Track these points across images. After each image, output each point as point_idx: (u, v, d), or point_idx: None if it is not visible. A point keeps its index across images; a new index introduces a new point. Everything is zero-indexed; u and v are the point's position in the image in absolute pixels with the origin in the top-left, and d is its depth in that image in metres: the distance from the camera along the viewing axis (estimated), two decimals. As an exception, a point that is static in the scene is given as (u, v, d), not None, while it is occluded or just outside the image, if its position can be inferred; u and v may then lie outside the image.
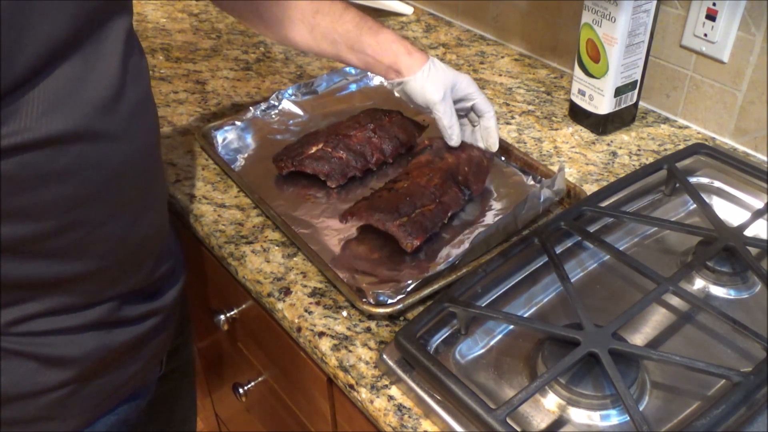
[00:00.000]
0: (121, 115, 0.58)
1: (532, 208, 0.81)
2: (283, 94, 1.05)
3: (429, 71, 0.82)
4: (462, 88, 0.84)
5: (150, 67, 1.18)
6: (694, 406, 0.63)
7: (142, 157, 0.63)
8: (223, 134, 0.98)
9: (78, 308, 0.62)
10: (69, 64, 0.53)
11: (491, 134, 0.87)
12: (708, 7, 0.91)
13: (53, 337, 0.62)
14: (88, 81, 0.54)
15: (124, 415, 0.73)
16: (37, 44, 0.50)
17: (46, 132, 0.52)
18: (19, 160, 0.52)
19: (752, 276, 0.75)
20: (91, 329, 0.64)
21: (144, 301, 0.69)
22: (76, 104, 0.54)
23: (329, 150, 0.89)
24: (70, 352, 0.63)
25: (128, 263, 0.65)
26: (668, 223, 0.80)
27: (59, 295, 0.61)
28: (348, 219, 0.79)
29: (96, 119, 0.55)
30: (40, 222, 0.56)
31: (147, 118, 0.63)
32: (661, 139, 0.99)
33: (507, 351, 0.69)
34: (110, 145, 0.57)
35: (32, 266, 0.58)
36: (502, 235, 0.79)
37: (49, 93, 0.52)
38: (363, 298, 0.72)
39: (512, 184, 0.90)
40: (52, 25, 0.50)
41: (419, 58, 0.82)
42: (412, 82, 0.82)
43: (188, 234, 0.92)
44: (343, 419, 0.80)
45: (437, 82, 0.82)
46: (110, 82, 0.56)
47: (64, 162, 0.54)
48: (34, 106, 0.51)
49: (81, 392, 0.66)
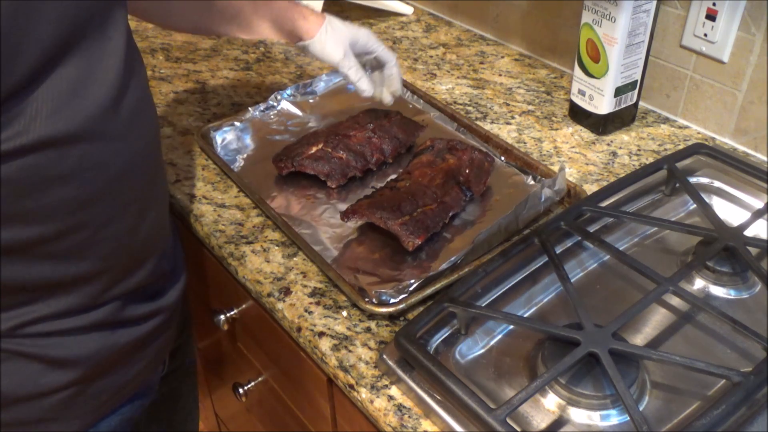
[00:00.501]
0: (123, 115, 0.58)
1: (533, 208, 0.81)
2: (281, 95, 1.05)
3: (327, 32, 0.85)
4: (362, 43, 0.87)
5: (150, 67, 1.18)
6: (694, 406, 0.63)
7: (144, 157, 0.63)
8: (222, 135, 0.98)
9: (82, 310, 0.62)
10: (71, 66, 0.53)
11: (394, 81, 0.92)
12: (708, 7, 0.91)
13: (58, 338, 0.62)
14: (90, 82, 0.54)
15: (127, 414, 0.73)
16: (38, 47, 0.50)
17: (49, 134, 0.52)
18: (21, 164, 0.51)
19: (752, 276, 0.75)
20: (95, 330, 0.64)
21: (147, 300, 0.69)
22: (78, 106, 0.54)
23: (329, 150, 0.89)
24: (75, 353, 0.63)
25: (131, 263, 0.65)
26: (668, 223, 0.80)
27: (64, 297, 0.61)
28: (350, 217, 0.79)
29: (98, 120, 0.55)
30: (43, 225, 0.56)
31: (147, 117, 0.63)
32: (661, 139, 0.99)
33: (507, 351, 0.69)
34: (112, 146, 0.58)
35: (36, 269, 0.58)
36: (504, 235, 0.79)
37: (51, 95, 0.52)
38: (365, 298, 0.72)
39: (512, 184, 0.90)
40: (53, 27, 0.50)
41: (315, 21, 0.85)
42: (313, 45, 0.85)
43: (188, 234, 0.92)
44: (343, 419, 0.80)
45: (337, 41, 0.85)
46: (112, 83, 0.56)
47: (67, 164, 0.54)
48: (36, 109, 0.51)
49: (85, 393, 0.66)
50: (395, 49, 1.23)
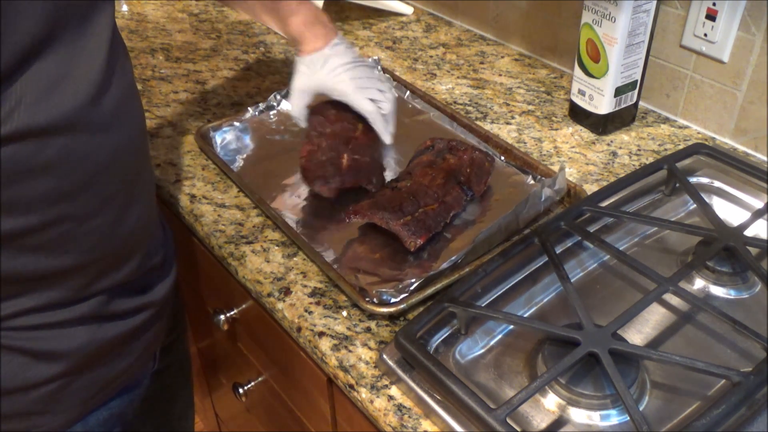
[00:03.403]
0: (106, 108, 0.58)
1: (533, 207, 0.81)
2: (281, 95, 1.05)
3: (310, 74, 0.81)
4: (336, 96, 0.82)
5: (150, 67, 1.18)
6: (694, 406, 0.63)
7: (128, 151, 0.63)
8: (221, 135, 0.98)
9: (67, 303, 0.63)
10: (51, 59, 0.53)
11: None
12: (708, 7, 0.91)
13: (43, 331, 0.62)
14: (71, 76, 0.55)
15: (116, 409, 0.73)
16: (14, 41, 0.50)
17: (28, 125, 0.52)
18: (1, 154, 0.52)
19: (752, 276, 0.75)
20: (81, 323, 0.64)
21: (134, 295, 0.70)
22: (59, 98, 0.54)
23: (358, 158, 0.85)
24: (61, 346, 0.64)
25: (116, 256, 0.66)
26: (668, 223, 0.80)
27: (48, 290, 0.61)
28: (351, 217, 0.79)
29: (80, 113, 0.56)
30: (25, 216, 0.56)
31: (132, 111, 0.64)
32: (661, 139, 0.99)
33: (507, 351, 0.69)
34: (94, 138, 0.58)
35: (19, 261, 0.58)
36: (504, 234, 0.79)
37: (30, 87, 0.52)
38: (366, 298, 0.72)
39: (512, 183, 0.90)
40: (30, 22, 0.51)
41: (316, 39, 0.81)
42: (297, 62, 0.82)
43: (188, 234, 0.92)
44: (343, 419, 0.80)
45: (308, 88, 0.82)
46: (94, 78, 0.57)
47: (48, 155, 0.55)
48: (15, 101, 0.52)
49: (72, 386, 0.66)
50: (395, 49, 1.23)
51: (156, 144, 0.99)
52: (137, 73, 1.18)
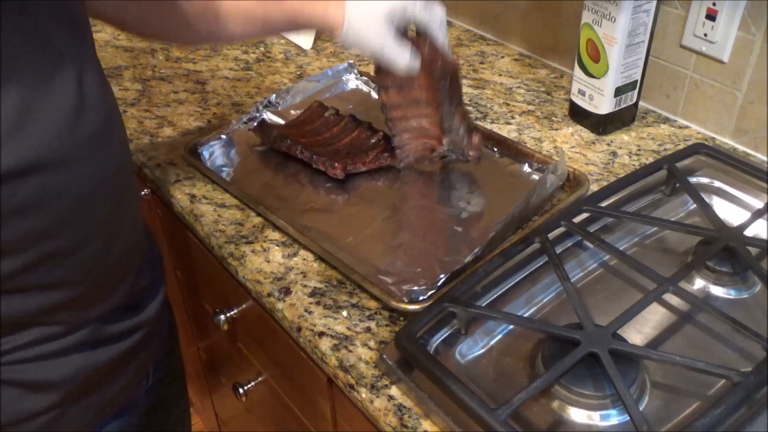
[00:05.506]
0: (80, 140, 0.55)
1: (541, 194, 0.83)
2: (263, 105, 1.04)
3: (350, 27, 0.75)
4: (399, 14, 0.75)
5: (150, 67, 1.18)
6: (694, 406, 0.63)
7: (109, 181, 0.59)
8: (208, 150, 0.97)
9: (62, 334, 0.61)
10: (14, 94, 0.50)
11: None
12: (708, 7, 0.91)
13: (37, 363, 0.60)
14: (38, 111, 0.51)
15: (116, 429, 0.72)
16: None
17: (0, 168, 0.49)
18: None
19: (752, 276, 0.75)
20: (75, 351, 0.63)
21: (125, 317, 0.68)
22: (27, 135, 0.50)
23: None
24: (55, 376, 0.62)
25: (105, 286, 0.64)
26: (668, 223, 0.80)
27: (43, 326, 0.59)
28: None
29: (52, 148, 0.52)
30: (6, 259, 0.53)
31: (111, 140, 0.60)
32: (661, 139, 0.99)
33: (507, 351, 0.69)
34: (70, 173, 0.54)
35: (8, 303, 0.56)
36: (517, 223, 0.81)
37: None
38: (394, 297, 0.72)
39: (509, 173, 0.92)
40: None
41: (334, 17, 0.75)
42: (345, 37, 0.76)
43: (188, 234, 0.92)
44: (343, 419, 0.80)
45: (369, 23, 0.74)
46: (65, 111, 0.53)
47: (23, 196, 0.51)
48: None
49: (68, 413, 0.65)
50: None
51: (156, 144, 0.99)
52: (137, 73, 1.18)
